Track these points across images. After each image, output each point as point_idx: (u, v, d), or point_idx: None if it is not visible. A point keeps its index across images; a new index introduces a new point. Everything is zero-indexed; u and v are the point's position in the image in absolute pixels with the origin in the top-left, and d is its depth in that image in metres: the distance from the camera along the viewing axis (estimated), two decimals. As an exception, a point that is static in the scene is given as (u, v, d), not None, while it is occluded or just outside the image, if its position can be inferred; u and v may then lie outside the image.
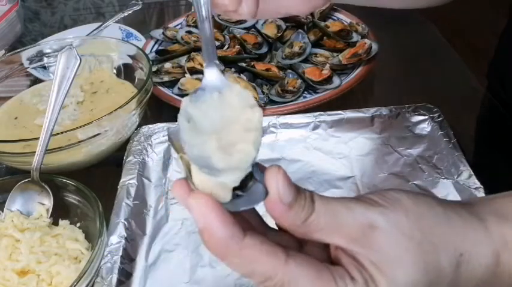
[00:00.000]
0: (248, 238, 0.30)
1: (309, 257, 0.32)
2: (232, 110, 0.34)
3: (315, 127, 0.70)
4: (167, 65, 0.86)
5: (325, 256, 0.34)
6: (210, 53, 0.37)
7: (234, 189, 0.31)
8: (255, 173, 0.33)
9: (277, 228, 0.35)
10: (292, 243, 0.35)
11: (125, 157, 0.67)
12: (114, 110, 0.65)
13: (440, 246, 0.33)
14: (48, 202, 0.61)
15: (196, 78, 0.81)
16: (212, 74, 0.36)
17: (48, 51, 0.85)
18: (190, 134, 0.33)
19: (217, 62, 0.37)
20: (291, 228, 0.32)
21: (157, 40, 0.95)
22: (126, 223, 0.57)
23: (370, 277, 0.31)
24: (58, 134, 0.63)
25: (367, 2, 0.66)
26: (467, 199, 0.54)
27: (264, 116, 0.71)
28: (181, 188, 0.32)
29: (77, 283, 0.50)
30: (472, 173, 0.59)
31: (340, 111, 0.70)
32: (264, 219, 0.36)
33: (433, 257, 0.32)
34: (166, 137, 0.70)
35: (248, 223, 0.34)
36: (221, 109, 0.34)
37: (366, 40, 0.86)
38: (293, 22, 0.94)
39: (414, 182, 0.62)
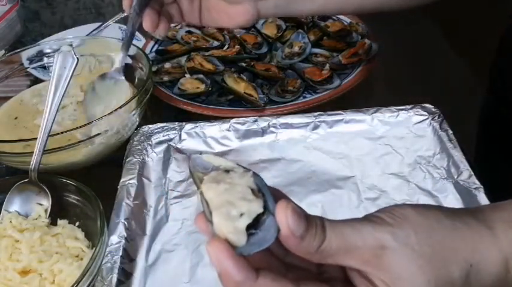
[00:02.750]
0: (261, 279, 0.32)
1: (320, 285, 0.34)
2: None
3: (315, 127, 0.70)
4: (167, 65, 0.86)
5: (342, 273, 0.36)
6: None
7: (248, 227, 0.33)
8: (268, 201, 0.35)
9: None
10: (310, 264, 0.36)
11: (124, 157, 0.67)
12: (114, 110, 0.65)
13: (451, 259, 0.34)
14: (47, 202, 0.61)
15: (196, 78, 0.81)
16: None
17: (48, 51, 0.85)
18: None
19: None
20: (306, 256, 0.34)
21: (157, 40, 0.95)
22: (126, 223, 0.57)
23: None
24: (58, 134, 0.63)
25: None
26: (475, 207, 0.54)
27: (264, 116, 0.72)
28: (203, 223, 0.35)
29: (81, 280, 0.50)
30: (472, 173, 0.59)
31: (340, 111, 0.70)
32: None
33: (444, 272, 0.33)
34: (166, 137, 0.70)
35: (266, 249, 0.36)
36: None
37: (366, 40, 0.86)
38: (293, 22, 0.94)
39: (414, 182, 0.62)
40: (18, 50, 0.85)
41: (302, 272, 0.36)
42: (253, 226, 0.34)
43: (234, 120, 0.71)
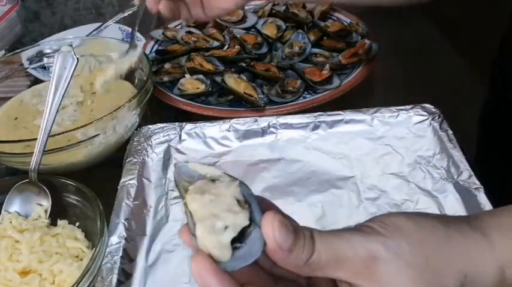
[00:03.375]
0: None
1: None
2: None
3: (315, 127, 0.70)
4: (167, 65, 0.86)
5: (332, 283, 0.35)
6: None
7: (233, 241, 0.32)
8: (254, 212, 0.33)
9: None
10: (299, 275, 0.35)
11: (124, 157, 0.67)
12: (114, 111, 0.65)
13: (445, 270, 0.33)
14: (47, 203, 0.61)
15: (196, 79, 0.81)
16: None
17: (48, 51, 0.85)
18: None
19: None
20: (294, 269, 0.32)
21: (157, 40, 0.95)
22: (126, 223, 0.57)
23: None
24: (58, 134, 0.63)
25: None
26: (470, 214, 0.54)
27: (264, 116, 0.72)
28: (187, 236, 0.34)
29: (81, 280, 0.50)
30: (472, 173, 0.59)
31: (340, 112, 0.70)
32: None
33: (437, 283, 0.32)
34: (166, 138, 0.70)
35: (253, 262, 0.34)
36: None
37: (366, 40, 0.86)
38: (293, 22, 0.94)
39: (414, 182, 0.62)
40: (18, 51, 0.85)
41: (291, 285, 0.35)
42: (239, 239, 0.33)
43: (234, 120, 0.71)
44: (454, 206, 0.57)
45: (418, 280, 0.32)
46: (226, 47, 0.90)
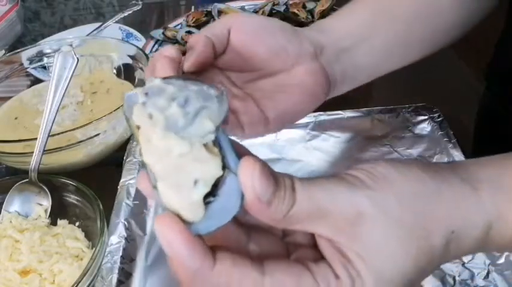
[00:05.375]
0: (219, 264, 0.28)
1: (287, 265, 0.30)
2: None
3: (315, 127, 0.70)
4: (167, 65, 0.86)
5: (310, 240, 0.32)
6: None
7: (205, 196, 0.27)
8: (227, 155, 0.28)
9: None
10: (275, 232, 0.33)
11: (124, 157, 0.67)
12: (114, 110, 0.65)
13: (432, 228, 0.31)
14: (47, 203, 0.61)
15: (196, 78, 0.81)
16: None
17: (48, 51, 0.85)
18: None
19: None
20: (271, 223, 0.29)
21: (157, 40, 0.95)
22: (126, 223, 0.57)
23: (357, 273, 0.29)
24: (58, 134, 0.63)
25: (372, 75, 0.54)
26: (459, 161, 0.50)
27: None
28: (147, 184, 0.29)
29: (81, 280, 0.50)
30: (472, 173, 0.59)
31: (340, 111, 0.70)
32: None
33: (425, 242, 0.30)
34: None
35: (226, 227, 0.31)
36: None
37: (366, 40, 0.85)
38: (293, 22, 0.94)
39: (414, 182, 0.62)
40: (18, 50, 0.85)
41: (266, 239, 0.32)
42: (211, 191, 0.27)
43: (234, 120, 0.71)
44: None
45: (406, 239, 0.30)
46: (226, 47, 0.90)
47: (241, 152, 0.29)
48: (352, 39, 0.48)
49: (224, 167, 0.28)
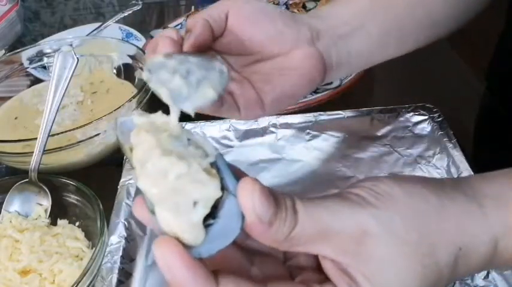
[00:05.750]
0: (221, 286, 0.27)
1: (291, 286, 0.29)
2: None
3: (315, 127, 0.70)
4: (167, 65, 0.86)
5: (314, 263, 0.32)
6: None
7: (204, 217, 0.27)
8: (225, 177, 0.28)
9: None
10: (277, 256, 0.32)
11: (125, 157, 0.67)
12: (114, 110, 0.65)
13: (439, 245, 0.30)
14: (47, 203, 0.61)
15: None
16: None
17: (48, 51, 0.85)
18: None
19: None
20: (273, 245, 0.29)
21: (157, 40, 0.95)
22: (126, 223, 0.57)
23: None
24: (58, 134, 0.63)
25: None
26: (462, 178, 0.50)
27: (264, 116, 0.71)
28: (143, 211, 0.29)
29: (81, 280, 0.50)
30: (472, 173, 0.59)
31: (340, 111, 0.70)
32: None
33: (431, 259, 0.30)
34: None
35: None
36: None
37: (366, 40, 0.85)
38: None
39: (414, 182, 0.62)
40: (18, 50, 0.85)
41: (268, 263, 0.32)
42: (211, 213, 0.27)
43: (234, 120, 0.71)
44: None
45: (412, 256, 0.29)
46: (226, 47, 0.90)
47: (239, 175, 0.29)
48: (349, 26, 0.48)
49: (223, 189, 0.27)
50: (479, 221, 0.32)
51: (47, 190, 0.61)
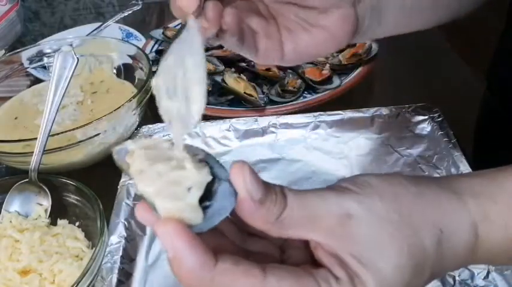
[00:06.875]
0: (220, 263, 0.28)
1: (288, 267, 0.31)
2: None
3: (315, 127, 0.70)
4: (167, 65, 0.86)
5: (308, 257, 0.33)
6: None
7: (201, 201, 0.29)
8: (215, 168, 0.31)
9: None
10: (272, 249, 0.34)
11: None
12: (114, 110, 0.65)
13: (420, 225, 0.32)
14: (47, 203, 0.61)
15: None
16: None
17: (48, 51, 0.85)
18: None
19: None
20: (264, 227, 0.31)
21: (157, 40, 0.95)
22: (126, 223, 0.57)
23: (355, 274, 0.30)
24: (58, 134, 0.63)
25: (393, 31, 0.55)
26: (439, 177, 0.52)
27: (264, 116, 0.72)
28: (146, 212, 0.31)
29: (81, 280, 0.50)
30: (472, 173, 0.59)
31: (340, 111, 0.70)
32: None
33: (415, 239, 0.31)
34: (166, 137, 0.70)
35: (222, 236, 0.33)
36: None
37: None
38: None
39: (414, 182, 0.62)
40: (18, 50, 0.85)
41: (264, 258, 0.33)
42: (206, 197, 0.30)
43: (234, 120, 0.71)
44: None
45: (396, 235, 0.31)
46: (226, 47, 0.90)
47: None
48: None
49: (215, 178, 0.30)
50: (458, 206, 0.33)
51: (47, 190, 0.61)
